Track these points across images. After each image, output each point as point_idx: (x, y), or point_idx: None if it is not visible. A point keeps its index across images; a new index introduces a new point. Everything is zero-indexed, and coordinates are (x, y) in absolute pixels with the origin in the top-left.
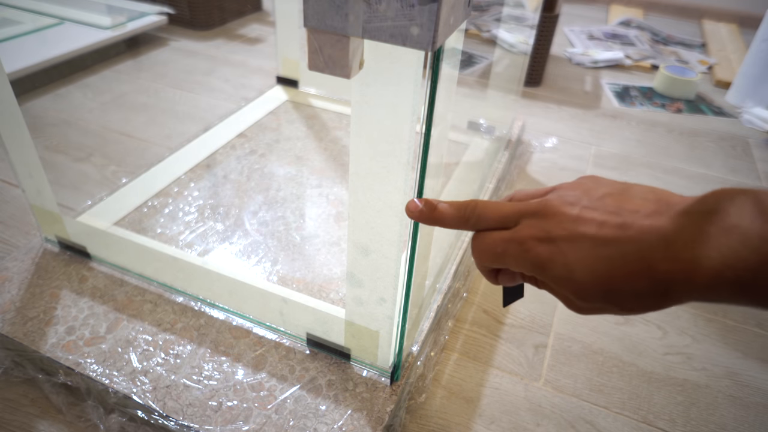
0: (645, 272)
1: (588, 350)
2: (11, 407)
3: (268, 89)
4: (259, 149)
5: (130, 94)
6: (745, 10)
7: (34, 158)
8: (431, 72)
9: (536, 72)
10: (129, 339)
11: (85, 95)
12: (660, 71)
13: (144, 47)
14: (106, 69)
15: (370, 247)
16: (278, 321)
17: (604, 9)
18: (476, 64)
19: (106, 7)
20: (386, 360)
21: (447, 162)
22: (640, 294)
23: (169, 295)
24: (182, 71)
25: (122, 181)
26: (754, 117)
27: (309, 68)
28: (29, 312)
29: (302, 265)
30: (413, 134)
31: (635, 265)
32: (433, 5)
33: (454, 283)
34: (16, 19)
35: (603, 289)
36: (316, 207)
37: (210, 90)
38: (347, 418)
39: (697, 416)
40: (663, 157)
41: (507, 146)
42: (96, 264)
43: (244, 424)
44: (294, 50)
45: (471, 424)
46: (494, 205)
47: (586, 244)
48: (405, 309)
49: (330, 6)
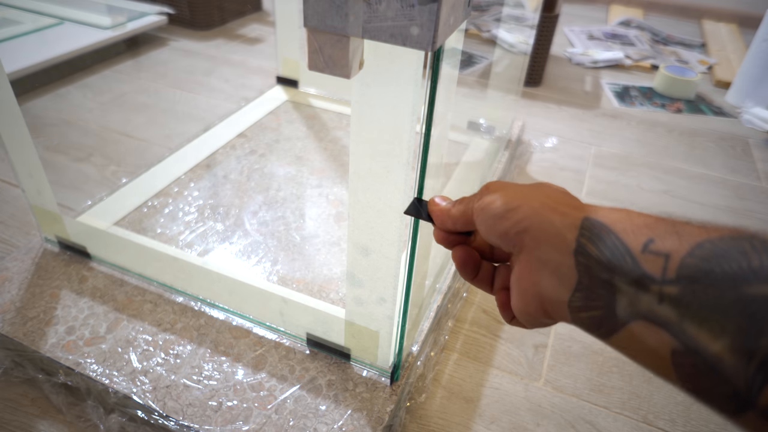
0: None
1: (588, 350)
2: (11, 407)
3: (268, 89)
4: (259, 149)
5: (130, 94)
6: (745, 10)
7: (34, 158)
8: (431, 72)
9: (536, 72)
10: (129, 339)
11: (85, 95)
12: (660, 71)
13: (144, 47)
14: (106, 69)
15: (370, 247)
16: (278, 321)
17: (604, 9)
18: (476, 64)
19: (106, 7)
20: (386, 360)
21: (447, 162)
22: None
23: (169, 295)
24: (182, 71)
25: (122, 181)
26: (754, 117)
27: (309, 68)
28: (29, 312)
29: (302, 265)
30: (413, 134)
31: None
32: (433, 5)
33: (454, 283)
34: (16, 19)
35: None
36: (316, 207)
37: (210, 90)
38: (347, 418)
39: (697, 416)
40: (663, 157)
41: (507, 146)
42: (96, 264)
43: (244, 424)
44: (294, 50)
45: (471, 424)
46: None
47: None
48: (405, 309)
49: (330, 6)
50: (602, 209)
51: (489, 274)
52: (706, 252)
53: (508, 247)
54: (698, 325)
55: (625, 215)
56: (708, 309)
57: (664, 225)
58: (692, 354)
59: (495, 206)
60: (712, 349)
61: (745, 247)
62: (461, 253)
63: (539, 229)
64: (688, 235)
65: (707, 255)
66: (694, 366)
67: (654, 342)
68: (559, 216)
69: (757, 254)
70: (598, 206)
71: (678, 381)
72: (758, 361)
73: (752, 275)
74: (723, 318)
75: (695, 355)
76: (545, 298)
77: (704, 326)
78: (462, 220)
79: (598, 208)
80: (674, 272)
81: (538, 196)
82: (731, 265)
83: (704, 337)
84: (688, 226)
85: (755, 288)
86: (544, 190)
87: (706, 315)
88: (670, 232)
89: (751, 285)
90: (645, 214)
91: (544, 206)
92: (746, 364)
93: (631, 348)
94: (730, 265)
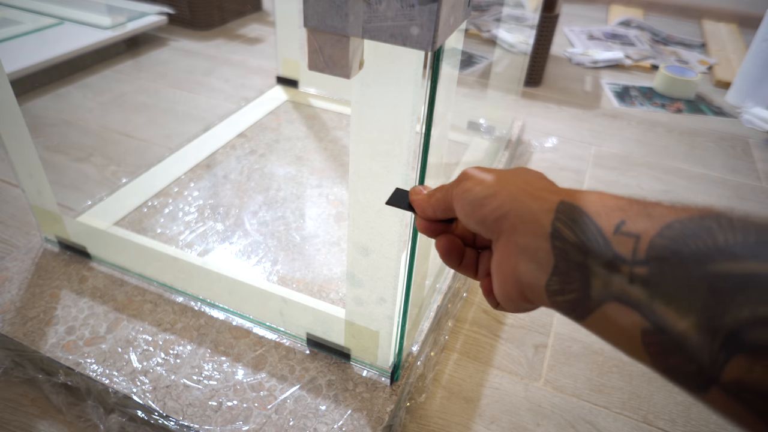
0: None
1: (588, 350)
2: (11, 407)
3: (268, 89)
4: (259, 149)
5: (130, 94)
6: (745, 10)
7: (34, 158)
8: (431, 72)
9: (536, 72)
10: (129, 339)
11: (85, 95)
12: (660, 71)
13: (144, 47)
14: (106, 69)
15: (370, 247)
16: (278, 321)
17: (604, 9)
18: (476, 64)
19: (106, 7)
20: (386, 360)
21: (447, 162)
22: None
23: (169, 295)
24: (182, 71)
25: (122, 181)
26: (754, 117)
27: (309, 68)
28: (29, 312)
29: (302, 265)
30: (413, 134)
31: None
32: (433, 5)
33: (454, 283)
34: (16, 19)
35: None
36: (316, 207)
37: (210, 90)
38: (347, 418)
39: (697, 416)
40: (663, 157)
41: (507, 146)
42: (96, 264)
43: (244, 424)
44: (294, 50)
45: (471, 424)
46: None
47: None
48: (405, 309)
49: (330, 6)
50: (578, 192)
51: (473, 260)
52: (675, 232)
53: (487, 233)
54: (666, 304)
55: (598, 198)
56: (675, 288)
57: (636, 206)
58: (660, 333)
59: (473, 193)
60: (679, 327)
61: (712, 225)
62: (444, 242)
63: (517, 215)
64: (658, 216)
65: (676, 235)
66: (663, 344)
67: (626, 322)
68: (536, 201)
69: (723, 232)
70: (574, 189)
71: (648, 360)
72: (722, 337)
73: (717, 253)
74: (689, 296)
75: (663, 333)
76: (524, 283)
77: (672, 305)
78: (442, 208)
79: (574, 191)
80: (644, 253)
81: (516, 182)
82: (698, 243)
83: (672, 315)
84: (659, 207)
85: (720, 265)
86: (522, 176)
87: (674, 294)
88: (642, 213)
89: (716, 263)
90: (618, 196)
91: (522, 191)
92: (710, 341)
93: (606, 330)
94: (697, 244)
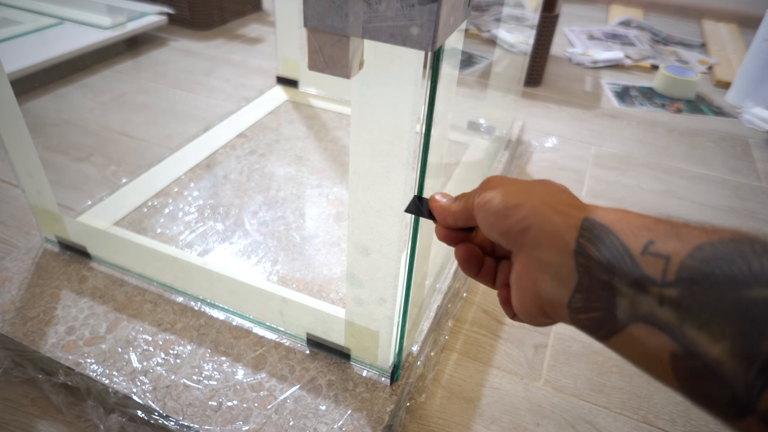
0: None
1: (588, 350)
2: (11, 407)
3: (268, 89)
4: (259, 149)
5: (130, 94)
6: (745, 10)
7: (34, 158)
8: (431, 72)
9: (536, 72)
10: (129, 339)
11: (85, 95)
12: (660, 71)
13: (144, 47)
14: (106, 69)
15: (370, 247)
16: (278, 321)
17: (604, 9)
18: (476, 64)
19: (106, 7)
20: (386, 360)
21: (447, 162)
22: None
23: (169, 295)
24: (182, 71)
25: (122, 181)
26: (754, 117)
27: (309, 68)
28: (29, 312)
29: (302, 265)
30: (413, 134)
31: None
32: (433, 5)
33: (454, 283)
34: (16, 19)
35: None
36: (316, 207)
37: (210, 90)
38: (347, 418)
39: (697, 416)
40: (663, 157)
41: (507, 146)
42: (96, 264)
43: (244, 424)
44: (294, 50)
45: (471, 424)
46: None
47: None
48: (405, 309)
49: (330, 6)
50: (602, 209)
51: (491, 269)
52: (706, 254)
53: (508, 244)
54: (698, 329)
55: (624, 216)
56: (708, 312)
57: (663, 226)
58: (692, 357)
59: (495, 203)
60: (712, 352)
61: (745, 250)
62: (464, 250)
63: (539, 229)
64: (687, 237)
65: (707, 257)
66: (694, 370)
67: (654, 345)
68: (559, 216)
69: (758, 257)
70: (598, 206)
71: (677, 385)
72: (759, 365)
73: (753, 279)
74: (723, 321)
75: (695, 358)
76: (544, 299)
77: (704, 329)
78: (463, 216)
79: (598, 208)
80: (674, 275)
81: (539, 194)
82: (731, 267)
83: (704, 340)
84: (688, 228)
85: (756, 291)
86: (545, 188)
87: (707, 318)
88: (670, 233)
89: (752, 288)
90: (644, 214)
91: (545, 205)
92: (746, 369)
93: (631, 351)
94: (731, 268)
